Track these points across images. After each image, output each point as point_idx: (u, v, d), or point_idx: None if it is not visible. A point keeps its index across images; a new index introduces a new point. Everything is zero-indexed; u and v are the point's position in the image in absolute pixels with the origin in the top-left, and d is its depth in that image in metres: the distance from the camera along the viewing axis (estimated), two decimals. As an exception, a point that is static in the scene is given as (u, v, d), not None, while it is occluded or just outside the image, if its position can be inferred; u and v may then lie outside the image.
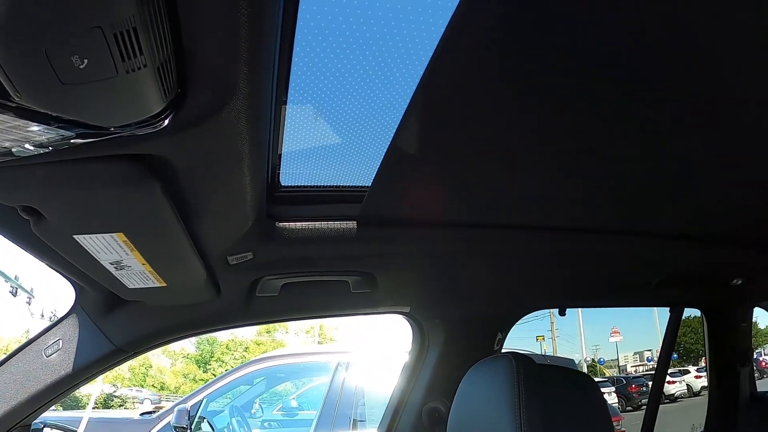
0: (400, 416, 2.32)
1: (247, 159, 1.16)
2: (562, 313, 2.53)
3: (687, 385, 28.41)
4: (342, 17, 1.14)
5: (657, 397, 3.18)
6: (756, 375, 3.42)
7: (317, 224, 1.67)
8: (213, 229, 1.47)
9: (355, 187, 1.72)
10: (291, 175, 1.63)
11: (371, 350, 5.93)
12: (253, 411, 6.43)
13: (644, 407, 3.11)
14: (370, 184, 1.57)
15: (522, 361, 1.43)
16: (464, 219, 1.81)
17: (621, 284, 2.54)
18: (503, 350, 2.43)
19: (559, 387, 1.50)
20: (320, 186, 1.71)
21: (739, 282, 2.80)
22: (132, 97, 0.80)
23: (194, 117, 0.95)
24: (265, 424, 6.36)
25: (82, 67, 0.69)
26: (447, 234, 1.83)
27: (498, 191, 1.68)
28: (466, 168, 1.51)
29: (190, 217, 1.34)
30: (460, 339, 2.31)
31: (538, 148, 1.46)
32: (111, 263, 1.39)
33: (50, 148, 0.91)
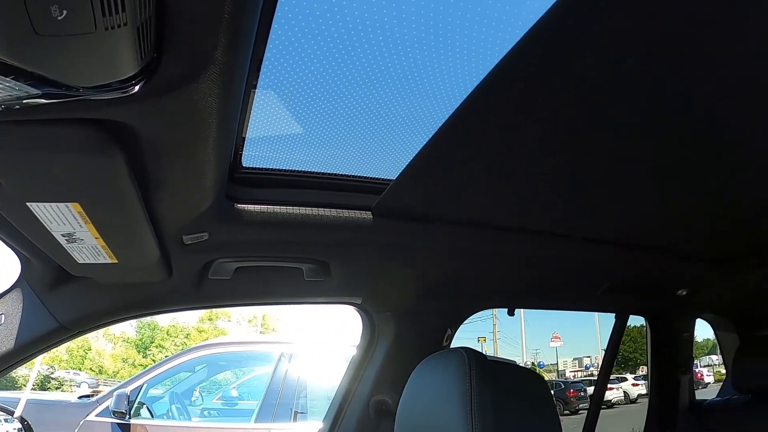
0: (346, 408, 2.31)
1: (213, 136, 1.14)
2: (510, 313, 2.54)
3: (624, 392, 28.95)
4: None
5: (598, 402, 3.23)
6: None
7: (275, 208, 1.65)
8: (171, 206, 1.43)
9: (315, 173, 1.72)
10: (253, 157, 1.60)
11: (314, 342, 5.91)
12: (193, 398, 6.34)
13: (581, 412, 3.17)
14: (331, 171, 1.55)
15: (474, 355, 1.42)
16: (418, 214, 1.81)
17: (570, 288, 2.57)
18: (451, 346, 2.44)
19: (510, 382, 1.50)
20: (281, 170, 1.69)
21: (684, 293, 2.85)
22: (107, 57, 0.77)
23: (166, 85, 0.93)
24: (205, 412, 6.26)
25: (60, 18, 0.66)
26: (402, 227, 1.82)
27: (452, 189, 1.68)
28: (426, 165, 1.50)
29: (149, 190, 1.30)
30: (409, 333, 2.30)
31: (503, 154, 1.47)
32: (63, 235, 1.34)
33: (3, 106, 0.87)
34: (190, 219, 1.53)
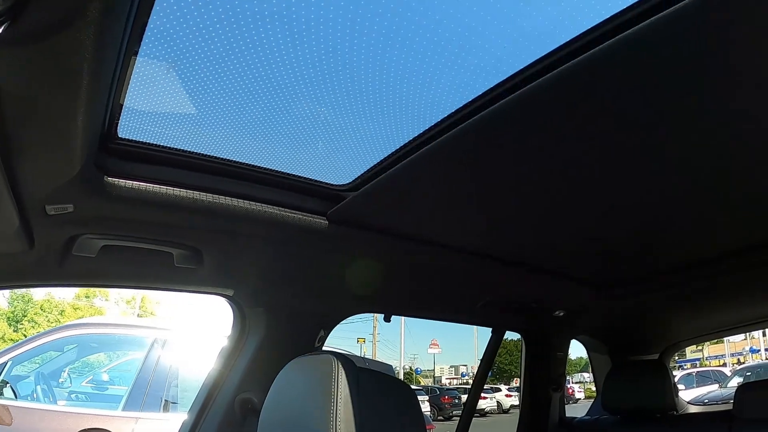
0: (211, 404, 2.22)
1: (84, 97, 1.05)
2: (387, 319, 2.51)
3: (497, 402, 29.84)
4: None
5: (471, 410, 3.26)
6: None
7: (149, 186, 1.55)
8: (33, 170, 1.31)
9: (197, 154, 1.63)
10: (131, 129, 1.49)
11: (192, 330, 5.75)
12: (60, 380, 6.07)
13: (455, 418, 3.20)
14: (215, 154, 1.51)
15: (342, 361, 1.40)
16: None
17: (449, 299, 2.58)
18: (324, 348, 2.40)
19: (376, 390, 1.49)
20: (161, 146, 1.59)
21: (562, 314, 2.92)
22: None
23: (32, 31, 0.85)
24: (73, 395, 5.97)
25: None
26: (278, 219, 1.77)
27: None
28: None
29: (9, 152, 1.20)
30: (281, 331, 2.23)
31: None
32: None
33: None
34: (53, 187, 1.41)
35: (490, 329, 3.22)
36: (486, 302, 2.53)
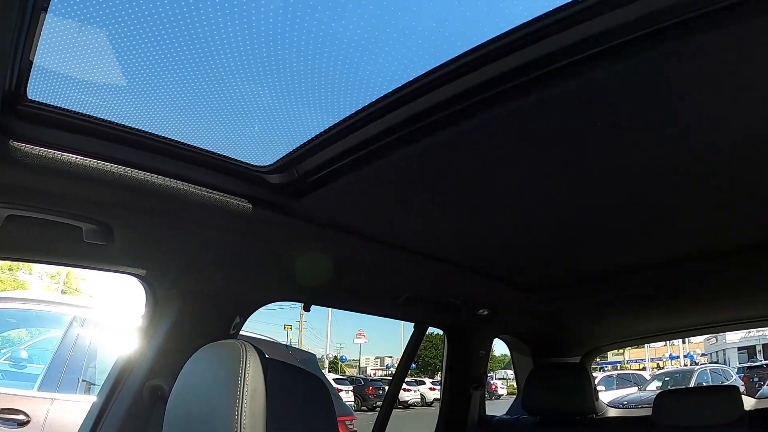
0: (120, 390, 2.13)
1: None
2: (306, 309, 2.45)
3: (421, 394, 30.13)
4: None
5: (391, 402, 3.24)
6: (486, 395, 3.63)
7: (59, 154, 1.45)
8: None
9: (116, 124, 1.53)
10: (43, 92, 1.39)
11: (114, 309, 5.59)
12: (-24, 357, 5.87)
13: (378, 408, 3.18)
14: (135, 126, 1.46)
15: (252, 351, 1.35)
16: (219, 187, 1.72)
17: (370, 292, 2.53)
18: (248, 334, 2.33)
19: (287, 384, 1.44)
20: (76, 112, 1.48)
21: (485, 313, 2.92)
22: None
23: None
24: (-11, 373, 5.78)
25: None
26: (195, 198, 1.70)
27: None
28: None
29: None
30: (194, 316, 2.12)
31: None
32: None
33: None
34: None
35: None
36: (408, 297, 2.50)
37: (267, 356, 1.39)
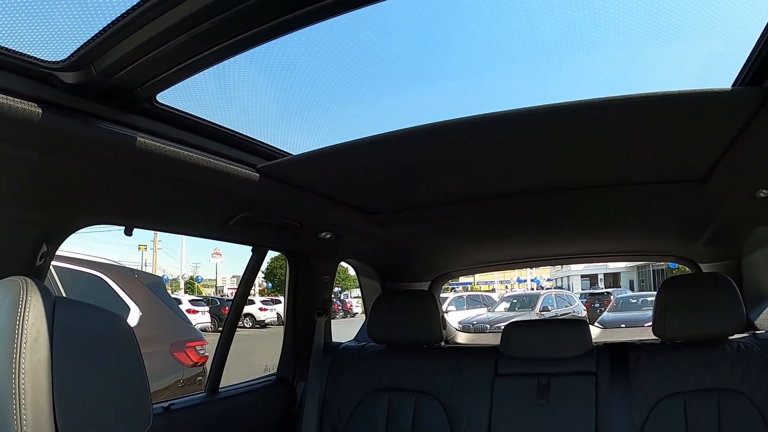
0: None
1: None
2: (127, 233, 2.14)
3: (277, 313, 30.38)
4: None
5: (232, 325, 3.04)
6: (342, 315, 3.56)
7: None
8: None
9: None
10: None
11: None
12: None
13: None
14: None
15: (33, 289, 1.20)
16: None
17: (197, 213, 2.23)
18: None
19: (78, 325, 1.29)
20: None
21: (328, 236, 2.76)
22: None
23: None
24: None
25: None
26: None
27: None
28: None
29: None
30: None
31: None
32: None
33: None
34: None
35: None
36: (241, 218, 2.24)
37: (55, 294, 1.25)
